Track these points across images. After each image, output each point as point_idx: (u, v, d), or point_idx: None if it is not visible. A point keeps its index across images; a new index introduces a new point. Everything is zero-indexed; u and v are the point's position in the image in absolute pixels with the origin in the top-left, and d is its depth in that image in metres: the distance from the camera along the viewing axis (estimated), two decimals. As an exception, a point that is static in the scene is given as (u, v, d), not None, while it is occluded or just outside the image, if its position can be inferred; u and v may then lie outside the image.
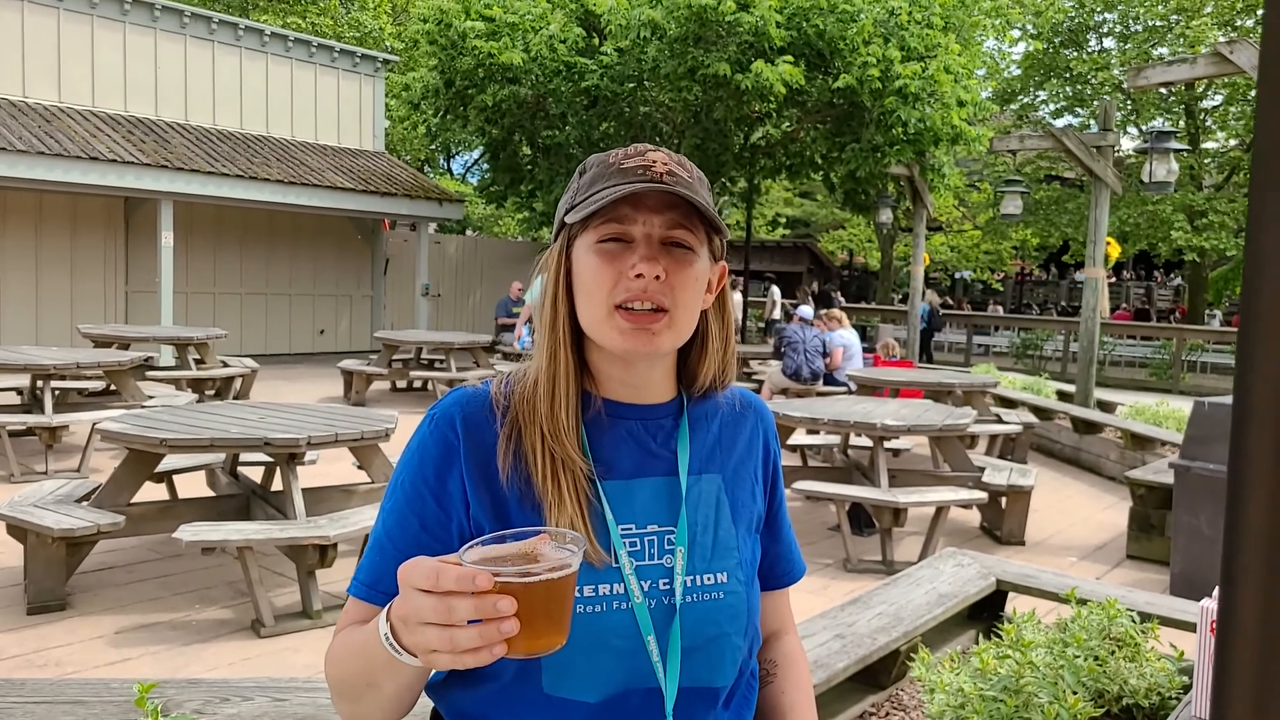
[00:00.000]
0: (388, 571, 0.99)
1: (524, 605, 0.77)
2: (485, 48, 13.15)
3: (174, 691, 2.19)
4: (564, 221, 1.05)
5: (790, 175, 16.26)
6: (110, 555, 4.85)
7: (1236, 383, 0.54)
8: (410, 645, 0.81)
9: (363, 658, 0.92)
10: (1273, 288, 0.52)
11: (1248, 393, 0.54)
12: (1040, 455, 8.96)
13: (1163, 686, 2.72)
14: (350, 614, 1.02)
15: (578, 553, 0.82)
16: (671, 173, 1.01)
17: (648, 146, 1.05)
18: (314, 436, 4.32)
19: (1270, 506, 0.52)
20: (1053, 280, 33.64)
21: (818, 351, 9.09)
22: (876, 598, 3.23)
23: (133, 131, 13.05)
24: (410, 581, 0.79)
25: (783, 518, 1.22)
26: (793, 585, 1.24)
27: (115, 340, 9.04)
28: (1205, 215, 19.51)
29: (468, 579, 0.76)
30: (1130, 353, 18.83)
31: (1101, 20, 22.50)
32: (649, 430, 1.08)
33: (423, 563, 0.79)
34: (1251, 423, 0.54)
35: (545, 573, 0.79)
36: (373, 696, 0.94)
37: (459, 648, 0.76)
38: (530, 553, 0.82)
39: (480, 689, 1.01)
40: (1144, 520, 5.78)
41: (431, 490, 1.02)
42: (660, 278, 0.99)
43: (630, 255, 0.99)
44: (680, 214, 1.01)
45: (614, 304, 1.00)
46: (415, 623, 0.78)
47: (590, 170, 1.06)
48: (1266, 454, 0.53)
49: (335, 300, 16.43)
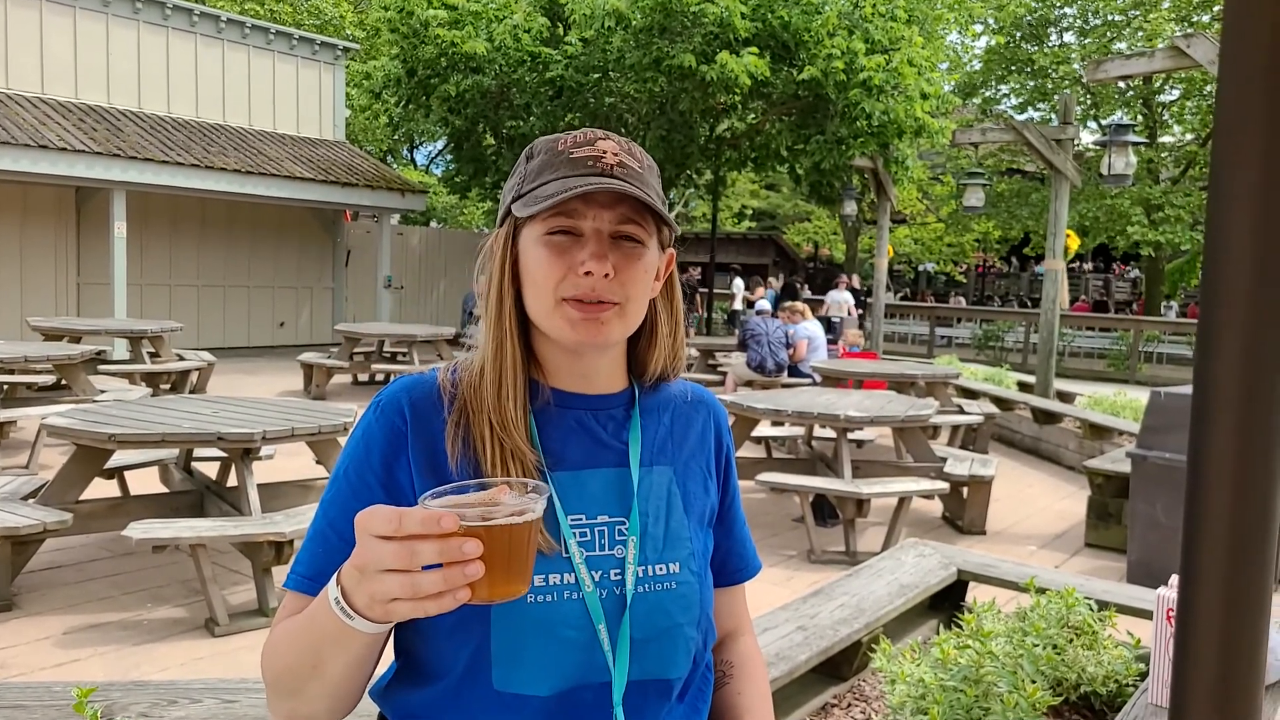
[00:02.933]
0: (331, 563, 0.95)
1: (487, 550, 0.76)
2: (448, 36, 13.01)
3: (119, 694, 2.12)
4: (511, 210, 1.03)
5: (756, 167, 16.29)
6: (58, 554, 4.73)
7: (1196, 378, 0.53)
8: (369, 595, 0.78)
9: (307, 636, 0.89)
10: (1230, 284, 0.51)
11: (1208, 387, 0.53)
12: (1001, 445, 9.06)
13: (1120, 674, 2.75)
14: (289, 609, 0.99)
15: (541, 499, 0.81)
16: (622, 164, 0.99)
17: (597, 133, 1.02)
18: (269, 431, 4.23)
19: (1231, 496, 0.51)
20: (1014, 273, 34.07)
21: (781, 344, 9.12)
22: (839, 589, 3.23)
23: (84, 119, 12.75)
24: (369, 529, 0.77)
25: (737, 512, 1.20)
26: (748, 581, 1.22)
27: (66, 333, 8.84)
28: (1162, 209, 19.82)
29: (432, 521, 0.74)
30: (1089, 344, 19.13)
31: (1062, 15, 22.77)
32: (599, 420, 1.07)
33: (381, 509, 0.77)
34: (1211, 416, 0.53)
35: (508, 516, 0.78)
36: (317, 684, 0.90)
37: (421, 592, 0.75)
38: (492, 500, 0.81)
39: (428, 689, 0.98)
40: (1102, 509, 5.86)
41: (378, 478, 0.99)
42: (609, 275, 0.97)
43: (579, 250, 0.98)
44: (630, 208, 0.99)
45: (561, 298, 0.98)
46: (375, 570, 0.76)
47: (538, 156, 1.03)
48: (1227, 446, 0.52)
49: (295, 292, 16.20)
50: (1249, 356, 0.48)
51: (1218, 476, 0.51)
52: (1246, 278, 0.48)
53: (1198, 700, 0.49)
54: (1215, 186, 0.50)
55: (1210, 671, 0.50)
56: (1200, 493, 0.51)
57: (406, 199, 15.90)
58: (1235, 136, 0.48)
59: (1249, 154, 0.48)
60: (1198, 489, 0.52)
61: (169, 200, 13.92)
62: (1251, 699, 0.47)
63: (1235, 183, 0.48)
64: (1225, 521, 0.50)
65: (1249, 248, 0.48)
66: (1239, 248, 0.48)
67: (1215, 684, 0.49)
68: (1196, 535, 0.51)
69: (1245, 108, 0.48)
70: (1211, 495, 0.51)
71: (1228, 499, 0.50)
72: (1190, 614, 0.50)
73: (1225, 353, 0.51)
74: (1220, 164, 0.49)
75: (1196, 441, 0.52)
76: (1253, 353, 0.48)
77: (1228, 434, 0.51)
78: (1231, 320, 0.50)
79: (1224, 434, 0.51)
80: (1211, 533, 0.51)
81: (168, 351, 9.47)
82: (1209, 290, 0.51)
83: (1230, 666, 0.48)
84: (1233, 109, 0.49)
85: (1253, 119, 0.48)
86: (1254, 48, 0.48)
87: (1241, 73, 0.47)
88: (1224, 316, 0.50)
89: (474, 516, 0.77)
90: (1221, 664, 0.49)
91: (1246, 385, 0.49)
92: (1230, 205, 0.49)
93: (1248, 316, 0.48)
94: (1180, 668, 0.50)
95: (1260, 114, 0.47)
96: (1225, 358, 0.52)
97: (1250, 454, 0.48)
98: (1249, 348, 0.48)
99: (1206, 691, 0.50)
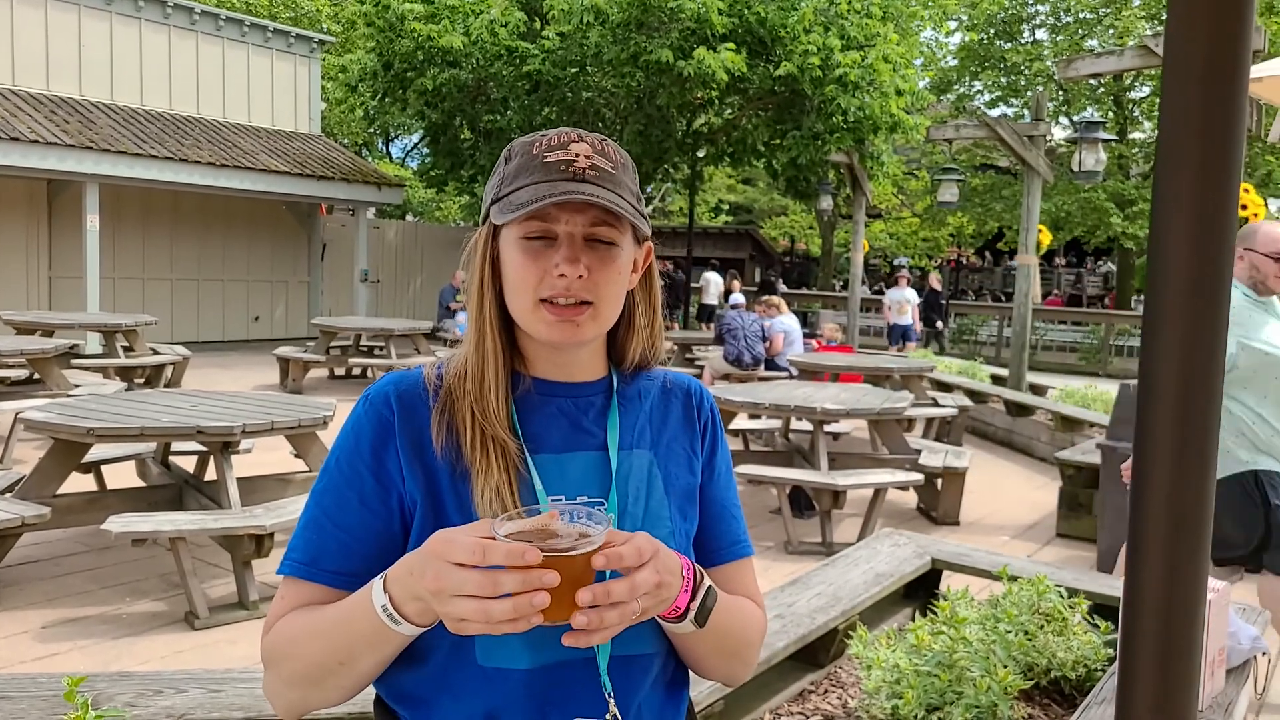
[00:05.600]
0: (327, 549, 1.02)
1: (563, 578, 0.83)
2: (424, 30, 12.94)
3: (104, 685, 2.13)
4: (489, 213, 1.07)
5: (733, 162, 16.34)
6: (36, 549, 4.70)
7: (1141, 368, 0.58)
8: (440, 615, 0.85)
9: (339, 635, 0.95)
10: (1173, 277, 0.56)
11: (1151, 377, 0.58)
12: (975, 437, 9.16)
13: (1089, 659, 2.82)
14: (290, 596, 1.03)
15: (602, 530, 0.87)
16: (594, 166, 1.02)
17: (571, 135, 1.05)
18: (249, 425, 4.23)
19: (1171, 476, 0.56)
20: (988, 267, 34.32)
21: (757, 337, 9.18)
22: (816, 578, 3.29)
23: (55, 111, 12.59)
24: (448, 556, 0.83)
25: (730, 492, 1.21)
26: (747, 558, 1.22)
27: (39, 327, 8.74)
28: (1135, 203, 20.08)
29: (517, 554, 0.81)
30: (1061, 337, 19.34)
31: (1034, 12, 22.99)
32: (580, 407, 1.11)
33: (460, 539, 0.84)
34: (1155, 400, 0.58)
35: (584, 547, 0.84)
36: (343, 677, 0.97)
37: (494, 618, 0.81)
38: (546, 527, 0.87)
39: (417, 668, 1.02)
40: (1073, 499, 5.95)
41: (369, 468, 1.03)
42: (583, 276, 1.01)
43: (553, 253, 1.01)
44: (602, 210, 1.02)
45: (539, 298, 1.02)
46: (451, 594, 0.82)
47: (515, 159, 1.06)
48: (1167, 431, 0.57)
49: (271, 286, 16.08)
50: (1186, 349, 0.53)
51: (1160, 457, 0.56)
52: (1184, 278, 0.53)
53: (1143, 661, 0.53)
54: (1159, 188, 0.54)
55: (1153, 634, 0.54)
56: (1144, 470, 0.56)
57: (383, 192, 15.82)
58: (1176, 145, 0.53)
59: (1188, 162, 0.52)
60: (1143, 468, 0.57)
61: (142, 193, 13.78)
62: (1191, 658, 0.52)
63: (1175, 196, 0.52)
64: (1165, 497, 0.55)
65: (1185, 254, 0.52)
66: (1176, 253, 0.53)
67: (1158, 641, 0.54)
68: (1141, 506, 0.55)
69: (1185, 116, 0.52)
70: (1154, 473, 0.56)
71: (1168, 477, 0.55)
72: (1136, 585, 0.55)
73: (1166, 346, 0.56)
74: (1163, 164, 0.54)
75: (1142, 425, 0.56)
76: (1189, 345, 0.53)
77: (1168, 420, 0.56)
78: (1171, 316, 0.55)
79: (1165, 419, 0.56)
80: (1154, 505, 0.56)
81: (142, 346, 9.39)
82: (1153, 288, 0.56)
83: (1172, 626, 0.53)
84: (1174, 111, 0.54)
85: (1191, 129, 0.52)
86: (1193, 58, 0.52)
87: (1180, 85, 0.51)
88: (1165, 312, 0.55)
89: (556, 547, 0.83)
90: (1163, 622, 0.54)
91: (1184, 377, 0.53)
92: (1171, 211, 0.53)
93: (1185, 312, 0.52)
94: (1127, 636, 0.55)
95: (1196, 122, 0.52)
96: (1166, 351, 0.56)
97: (1189, 437, 0.53)
98: (1186, 339, 0.52)
99: (1150, 658, 0.55)
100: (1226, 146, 0.52)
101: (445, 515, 1.01)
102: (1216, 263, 0.53)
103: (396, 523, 1.03)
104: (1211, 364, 0.54)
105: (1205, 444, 0.54)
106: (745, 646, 1.14)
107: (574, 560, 0.84)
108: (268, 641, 1.02)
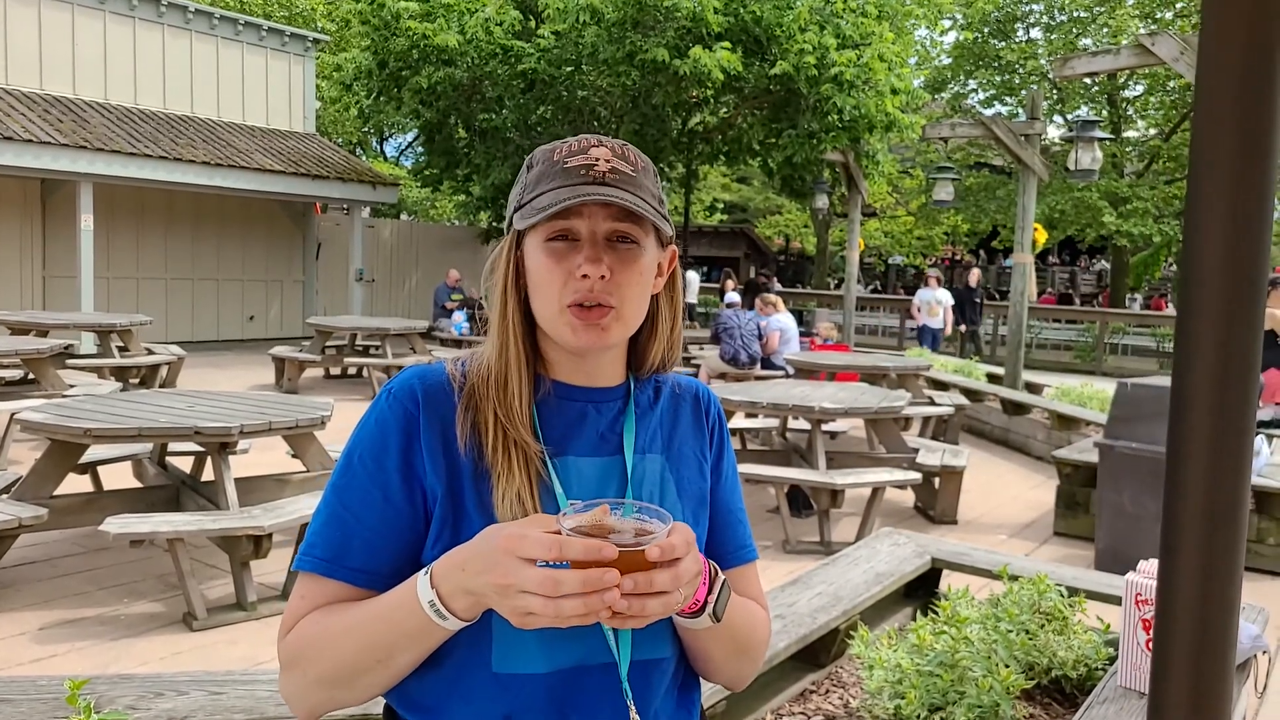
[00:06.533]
0: (351, 546, 1.00)
1: (624, 572, 0.83)
2: (419, 29, 12.92)
3: (105, 687, 2.12)
4: (512, 221, 1.07)
5: (728, 161, 16.34)
6: (33, 550, 4.69)
7: (1175, 369, 0.58)
8: (506, 612, 0.85)
9: (378, 632, 0.94)
10: (1207, 277, 0.56)
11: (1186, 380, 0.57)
12: (971, 436, 9.18)
13: (1090, 658, 2.82)
14: (310, 595, 1.01)
15: (664, 526, 0.87)
16: (615, 170, 1.02)
17: (591, 140, 1.05)
18: (247, 425, 4.21)
19: (1207, 478, 0.56)
20: (982, 265, 34.37)
21: (753, 336, 9.18)
22: (816, 578, 3.28)
23: (49, 110, 12.53)
24: (519, 551, 0.83)
25: (735, 496, 1.22)
26: (752, 562, 1.23)
27: (33, 327, 8.71)
28: (1129, 202, 20.13)
29: (595, 550, 0.81)
30: (1056, 336, 19.38)
31: (1029, 11, 23.03)
32: (599, 412, 1.11)
33: (533, 534, 0.83)
34: (1189, 405, 0.58)
35: (647, 542, 0.84)
36: (379, 675, 0.96)
37: (564, 614, 0.81)
38: (600, 522, 0.86)
39: (428, 675, 1.00)
40: (1070, 498, 5.97)
41: (394, 462, 1.02)
42: (605, 276, 1.00)
43: (576, 255, 1.01)
44: (623, 210, 1.02)
45: (565, 303, 1.02)
46: (517, 591, 0.82)
47: (537, 166, 1.06)
48: (1203, 433, 0.57)
49: (265, 285, 16.03)
50: (1222, 352, 0.53)
51: (1195, 459, 0.56)
52: (1219, 278, 0.53)
53: (1178, 657, 0.53)
54: (1192, 190, 0.54)
55: (1188, 636, 0.54)
56: (1178, 474, 0.56)
57: (378, 191, 15.78)
58: (1210, 144, 0.52)
59: (1223, 164, 0.52)
60: (1177, 470, 0.56)
61: (136, 192, 13.73)
62: (1226, 657, 0.51)
63: (1209, 196, 0.52)
64: (1201, 498, 0.55)
65: (1219, 254, 0.52)
66: (1211, 253, 0.53)
67: (1192, 646, 0.54)
68: (1176, 510, 0.55)
69: (1220, 115, 0.52)
70: (1189, 476, 0.56)
71: (1203, 479, 0.55)
72: (1170, 580, 0.55)
73: (1202, 349, 0.56)
74: (1196, 165, 0.54)
75: (1175, 427, 0.56)
76: (1225, 348, 0.53)
77: (1203, 422, 0.56)
78: (1207, 318, 0.55)
79: (1200, 422, 0.56)
80: (1189, 509, 0.55)
81: (136, 345, 9.35)
82: (1187, 288, 0.56)
83: (1206, 630, 0.53)
84: (1208, 116, 0.54)
85: (1226, 130, 0.52)
86: (1230, 57, 0.52)
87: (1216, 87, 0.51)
88: (1200, 317, 0.55)
89: (626, 542, 0.83)
90: (1198, 626, 0.54)
91: (1218, 376, 0.53)
92: (1206, 214, 0.53)
93: (1221, 316, 0.52)
94: (1161, 633, 0.55)
95: (1233, 123, 0.52)
96: (1202, 354, 0.56)
97: (1224, 439, 0.53)
98: (1222, 343, 0.53)
99: (1185, 659, 0.55)
100: (1261, 148, 0.51)
101: (465, 512, 1.01)
102: (1251, 262, 0.53)
103: (421, 520, 1.02)
104: (1247, 361, 0.54)
105: (1240, 442, 0.54)
106: (753, 645, 1.15)
107: (637, 555, 0.84)
108: (289, 642, 1.00)
